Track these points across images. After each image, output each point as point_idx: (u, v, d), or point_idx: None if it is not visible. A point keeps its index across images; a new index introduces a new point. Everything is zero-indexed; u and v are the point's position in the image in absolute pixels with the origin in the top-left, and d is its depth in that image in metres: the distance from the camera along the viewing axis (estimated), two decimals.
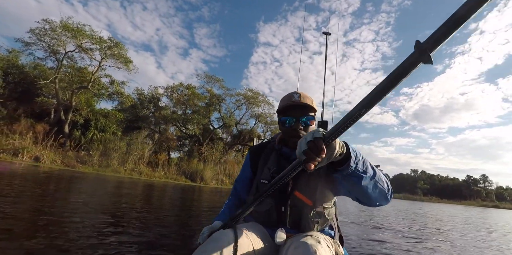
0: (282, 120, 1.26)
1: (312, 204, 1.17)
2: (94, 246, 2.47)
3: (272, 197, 1.17)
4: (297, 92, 1.26)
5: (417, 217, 11.48)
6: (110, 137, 15.02)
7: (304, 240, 0.98)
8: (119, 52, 14.38)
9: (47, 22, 13.39)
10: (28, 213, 3.30)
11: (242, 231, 1.08)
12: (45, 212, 3.48)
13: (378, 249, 3.87)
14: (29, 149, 12.08)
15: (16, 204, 3.67)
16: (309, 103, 1.23)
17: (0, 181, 5.68)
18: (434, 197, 70.78)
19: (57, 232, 2.68)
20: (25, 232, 2.57)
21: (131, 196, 6.91)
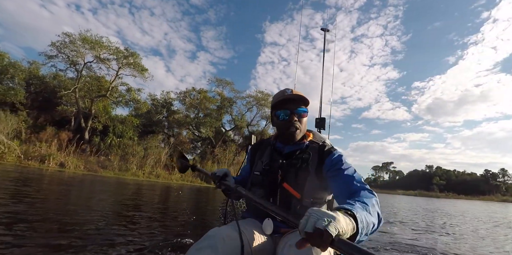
0: (277, 114, 1.30)
1: (300, 197, 1.19)
2: (112, 244, 2.68)
3: (263, 188, 1.26)
4: (289, 88, 1.31)
5: (430, 213, 11.66)
6: (127, 142, 15.76)
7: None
8: (135, 61, 15.09)
9: (67, 35, 14.21)
10: (53, 213, 3.76)
11: (236, 228, 1.10)
12: (70, 212, 3.97)
13: (380, 245, 3.99)
14: (55, 155, 12.88)
15: (44, 204, 4.22)
16: (303, 96, 1.28)
17: (30, 185, 6.31)
18: (451, 193, 69.37)
19: (78, 231, 2.96)
20: (49, 230, 2.88)
21: (151, 197, 7.46)
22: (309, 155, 1.23)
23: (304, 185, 1.19)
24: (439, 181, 78.16)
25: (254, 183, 1.32)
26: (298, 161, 1.23)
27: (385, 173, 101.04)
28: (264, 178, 1.28)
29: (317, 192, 1.21)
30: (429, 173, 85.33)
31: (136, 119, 17.75)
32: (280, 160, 1.27)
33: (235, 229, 1.07)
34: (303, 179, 1.20)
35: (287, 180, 1.22)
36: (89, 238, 2.73)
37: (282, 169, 1.24)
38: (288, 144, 1.30)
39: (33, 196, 4.89)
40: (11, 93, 16.35)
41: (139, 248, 2.62)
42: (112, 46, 14.54)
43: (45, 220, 3.27)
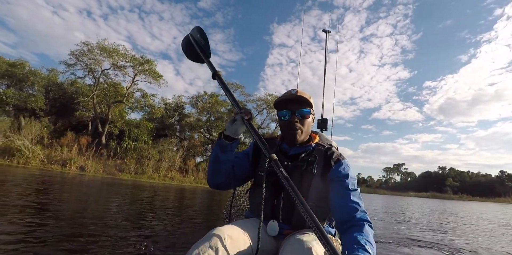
0: (279, 114, 1.31)
1: (304, 200, 1.19)
2: (117, 241, 2.85)
3: (267, 188, 1.20)
4: (295, 89, 1.32)
5: (441, 214, 11.81)
6: (142, 145, 16.37)
7: (301, 237, 1.01)
8: (150, 67, 15.76)
9: (85, 44, 14.96)
10: (79, 213, 4.21)
11: (239, 227, 1.10)
12: (91, 211, 4.42)
13: (386, 246, 4.09)
14: (75, 160, 13.55)
15: (69, 205, 4.70)
16: (305, 97, 1.27)
17: (55, 188, 6.85)
18: (465, 195, 68.14)
19: (97, 231, 3.13)
20: (70, 229, 3.07)
21: (166, 199, 7.93)
22: (315, 157, 1.24)
23: (309, 188, 1.19)
24: (453, 182, 76.79)
25: (258, 183, 1.28)
26: (303, 164, 1.23)
27: (396, 175, 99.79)
28: (268, 179, 1.23)
29: (321, 195, 1.21)
30: (442, 174, 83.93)
31: (150, 123, 18.39)
32: (285, 162, 1.25)
33: (236, 228, 1.08)
34: (307, 182, 1.20)
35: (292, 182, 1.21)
36: (103, 236, 2.96)
37: (287, 171, 1.20)
38: (294, 145, 1.30)
39: (65, 198, 5.40)
40: (32, 99, 17.19)
41: (142, 245, 2.77)
42: (128, 54, 15.26)
43: (71, 219, 3.73)
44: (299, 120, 1.26)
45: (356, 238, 0.98)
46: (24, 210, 3.72)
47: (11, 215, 3.37)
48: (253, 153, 1.40)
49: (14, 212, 3.53)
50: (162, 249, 2.76)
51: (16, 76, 17.85)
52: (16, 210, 3.68)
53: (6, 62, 17.60)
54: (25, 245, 2.36)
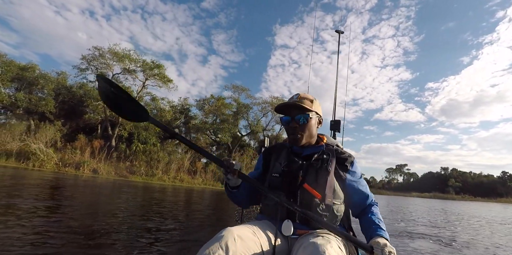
0: (280, 119, 1.36)
1: (321, 198, 1.20)
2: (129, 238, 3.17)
3: (281, 189, 1.22)
4: (298, 93, 1.35)
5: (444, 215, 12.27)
6: (152, 148, 16.83)
7: (314, 240, 1.01)
8: (160, 72, 16.23)
9: (97, 49, 15.41)
10: (93, 213, 4.70)
11: (250, 228, 1.11)
12: (108, 211, 4.87)
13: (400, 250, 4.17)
14: (88, 162, 14.01)
15: (85, 205, 5.16)
16: (305, 103, 1.30)
17: (76, 190, 7.32)
18: (467, 195, 68.64)
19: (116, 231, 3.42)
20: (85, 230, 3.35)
21: (178, 200, 8.40)
22: (329, 155, 1.30)
23: (325, 185, 1.21)
24: (455, 183, 77.27)
25: (273, 185, 1.29)
26: (318, 162, 1.27)
27: (399, 176, 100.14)
28: (284, 180, 1.27)
29: (337, 193, 1.24)
30: (444, 175, 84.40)
31: None
32: (300, 161, 1.29)
33: (247, 229, 1.09)
34: (323, 179, 1.22)
35: (308, 181, 1.23)
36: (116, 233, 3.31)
37: (302, 170, 1.26)
38: (305, 147, 1.36)
39: (84, 200, 5.86)
40: (42, 103, 17.65)
41: (150, 245, 2.97)
42: (139, 59, 15.72)
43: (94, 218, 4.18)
44: (299, 125, 1.30)
45: (371, 219, 1.23)
46: (53, 211, 4.19)
47: (45, 215, 3.83)
48: (264, 163, 1.45)
49: (43, 212, 3.99)
50: (175, 251, 2.92)
51: (26, 79, 18.31)
52: (46, 211, 4.14)
53: (17, 65, 18.05)
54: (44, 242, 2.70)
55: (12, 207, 4.03)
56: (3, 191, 5.59)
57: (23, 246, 2.54)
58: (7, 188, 6.13)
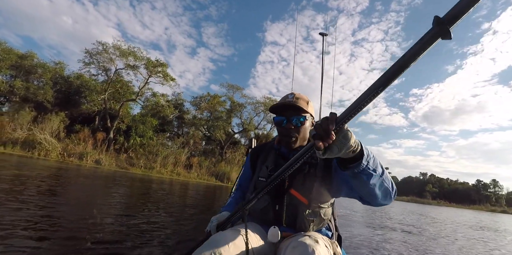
0: (275, 120, 1.33)
1: (308, 203, 1.22)
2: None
3: (268, 194, 1.24)
4: (293, 93, 1.32)
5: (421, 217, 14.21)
6: (151, 142, 17.94)
7: (302, 240, 1.03)
8: (163, 70, 17.34)
9: (101, 44, 16.31)
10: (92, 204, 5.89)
11: (239, 232, 1.15)
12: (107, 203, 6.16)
13: (377, 248, 4.41)
14: (91, 153, 14.98)
15: (92, 197, 6.46)
16: (302, 104, 1.27)
17: (78, 179, 8.53)
18: (443, 201, 72.66)
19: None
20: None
21: (175, 194, 9.75)
22: (317, 160, 1.27)
23: (312, 190, 1.23)
24: (432, 188, 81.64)
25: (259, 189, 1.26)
26: (306, 167, 1.26)
27: None
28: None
29: (324, 196, 1.25)
30: (422, 180, 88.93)
31: (155, 120, 19.93)
32: None
33: (237, 233, 1.13)
34: (310, 184, 1.23)
35: (294, 186, 1.24)
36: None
37: (289, 174, 1.19)
38: (294, 149, 1.32)
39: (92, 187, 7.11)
40: (40, 92, 18.30)
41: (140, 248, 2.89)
42: (144, 57, 16.76)
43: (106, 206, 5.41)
44: (295, 127, 1.28)
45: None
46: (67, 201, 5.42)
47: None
48: (251, 164, 1.49)
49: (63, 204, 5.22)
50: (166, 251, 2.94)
51: (24, 67, 18.84)
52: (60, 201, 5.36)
53: (16, 53, 18.54)
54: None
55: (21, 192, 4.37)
56: (18, 178, 6.77)
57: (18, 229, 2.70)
58: (16, 175, 7.30)
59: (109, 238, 2.94)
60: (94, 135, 15.69)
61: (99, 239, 2.82)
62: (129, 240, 2.94)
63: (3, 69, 17.71)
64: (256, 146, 1.62)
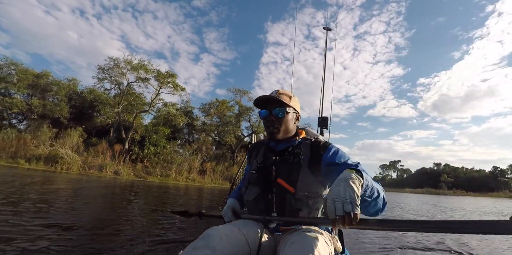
0: (259, 113, 1.43)
1: (294, 192, 1.25)
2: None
3: (258, 185, 1.35)
4: (277, 90, 1.42)
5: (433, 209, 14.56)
6: (166, 150, 18.74)
7: (302, 236, 1.06)
8: (173, 80, 18.16)
9: (112, 59, 17.18)
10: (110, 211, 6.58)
11: (235, 226, 1.18)
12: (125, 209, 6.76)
13: (380, 244, 4.44)
14: (110, 165, 15.82)
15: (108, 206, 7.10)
16: (283, 98, 1.36)
17: (101, 190, 9.23)
18: (459, 190, 71.77)
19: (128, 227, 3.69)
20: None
21: (193, 199, 10.38)
22: (301, 149, 1.34)
23: (297, 179, 1.27)
24: (447, 178, 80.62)
25: (251, 181, 1.41)
26: (290, 157, 1.33)
27: (392, 172, 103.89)
28: (259, 176, 1.35)
29: (311, 186, 1.28)
30: (437, 170, 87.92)
31: (167, 129, 20.74)
32: (273, 157, 1.38)
33: (233, 227, 1.16)
34: (296, 173, 1.29)
35: (281, 176, 1.30)
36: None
37: (275, 165, 1.33)
38: (281, 142, 1.43)
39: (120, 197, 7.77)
40: (57, 108, 19.29)
41: (136, 245, 3.13)
42: (154, 69, 17.60)
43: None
44: (277, 119, 1.37)
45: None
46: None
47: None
48: (249, 160, 1.59)
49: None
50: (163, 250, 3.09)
51: (40, 86, 19.88)
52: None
53: (32, 73, 19.58)
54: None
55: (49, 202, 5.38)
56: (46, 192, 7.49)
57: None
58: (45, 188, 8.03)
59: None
60: (112, 147, 16.52)
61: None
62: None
63: (21, 89, 18.78)
64: (254, 142, 1.72)
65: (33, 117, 19.52)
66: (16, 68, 18.85)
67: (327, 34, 3.88)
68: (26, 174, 10.86)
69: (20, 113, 20.01)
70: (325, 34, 3.90)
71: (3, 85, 18.47)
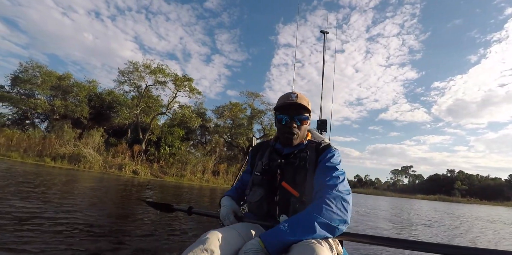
0: (278, 117, 1.41)
1: (299, 196, 1.25)
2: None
3: (262, 187, 1.35)
4: (295, 93, 1.39)
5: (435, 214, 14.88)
6: (180, 151, 19.55)
7: (305, 242, 1.01)
8: (189, 84, 19.04)
9: (132, 63, 18.13)
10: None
11: (235, 230, 1.18)
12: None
13: (378, 248, 4.55)
14: (129, 165, 16.67)
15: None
16: (305, 104, 1.36)
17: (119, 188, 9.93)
18: (473, 198, 70.66)
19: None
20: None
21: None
22: (307, 153, 1.35)
23: (303, 183, 1.27)
24: (461, 186, 79.35)
25: (255, 183, 1.40)
26: (296, 160, 1.34)
27: (404, 177, 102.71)
28: (264, 178, 1.36)
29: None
30: (450, 177, 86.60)
31: (182, 130, 21.58)
32: (279, 160, 1.38)
33: (232, 230, 1.16)
34: (301, 177, 1.29)
35: (286, 179, 1.31)
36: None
37: (280, 168, 1.34)
38: (288, 146, 1.42)
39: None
40: (78, 109, 20.34)
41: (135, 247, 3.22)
42: (172, 74, 18.52)
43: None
44: (297, 126, 1.38)
45: (296, 216, 1.08)
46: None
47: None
48: (251, 161, 1.60)
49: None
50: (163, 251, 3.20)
51: (62, 87, 20.98)
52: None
53: (55, 75, 20.71)
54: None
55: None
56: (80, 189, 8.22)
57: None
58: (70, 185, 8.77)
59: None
60: (131, 148, 17.38)
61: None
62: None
63: (45, 90, 19.91)
64: (256, 144, 1.70)
65: (55, 117, 20.62)
66: (40, 70, 19.98)
67: (324, 37, 3.97)
68: (52, 172, 11.75)
69: (43, 113, 21.17)
70: (323, 37, 3.99)
71: (28, 87, 19.64)
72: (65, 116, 20.50)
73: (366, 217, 9.96)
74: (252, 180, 1.43)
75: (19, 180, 7.19)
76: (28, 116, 21.58)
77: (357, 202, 21.08)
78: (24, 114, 21.55)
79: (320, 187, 1.17)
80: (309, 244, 0.99)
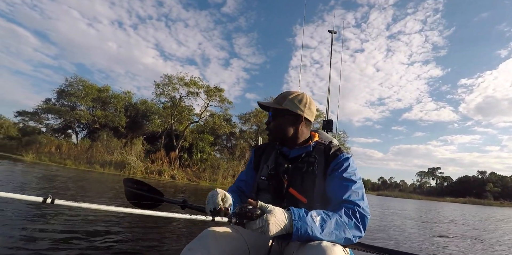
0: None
1: (307, 202, 1.23)
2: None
3: (269, 193, 1.32)
4: (282, 93, 1.39)
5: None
6: (209, 157, 21.48)
7: (318, 242, 0.98)
8: (220, 94, 21.04)
9: (167, 76, 20.29)
10: None
11: (234, 228, 1.19)
12: None
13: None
14: (167, 170, 18.68)
15: None
16: (275, 103, 1.35)
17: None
18: (507, 201, 68.94)
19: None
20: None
21: None
22: (315, 158, 1.30)
23: (311, 189, 1.25)
24: (493, 188, 77.44)
25: (261, 188, 1.37)
26: (304, 165, 1.30)
27: (431, 179, 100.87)
28: (270, 183, 1.33)
29: (325, 196, 1.25)
30: (481, 179, 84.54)
31: (211, 136, 23.55)
32: (286, 165, 1.33)
33: (231, 228, 1.17)
34: (310, 183, 1.26)
35: (293, 185, 1.28)
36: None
37: (287, 173, 1.31)
38: (293, 147, 1.37)
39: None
40: (116, 119, 22.69)
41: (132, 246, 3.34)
42: (204, 85, 20.66)
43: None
44: (268, 123, 1.40)
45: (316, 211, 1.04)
46: None
47: None
48: (254, 162, 1.54)
49: None
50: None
51: (101, 99, 23.43)
52: None
53: (96, 88, 23.20)
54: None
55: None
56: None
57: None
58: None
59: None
60: (169, 155, 19.42)
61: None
62: None
63: (87, 102, 22.40)
64: (260, 145, 1.63)
65: (95, 127, 23.06)
66: (83, 84, 22.48)
67: (332, 37, 3.96)
68: (107, 178, 13.77)
69: (85, 123, 23.70)
70: (331, 37, 3.99)
71: (73, 99, 22.17)
72: (105, 125, 22.88)
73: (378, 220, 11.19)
74: (258, 184, 1.40)
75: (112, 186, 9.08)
76: (72, 126, 24.18)
77: (382, 204, 22.14)
78: (67, 123, 24.17)
79: (339, 202, 1.15)
80: (322, 242, 0.97)
